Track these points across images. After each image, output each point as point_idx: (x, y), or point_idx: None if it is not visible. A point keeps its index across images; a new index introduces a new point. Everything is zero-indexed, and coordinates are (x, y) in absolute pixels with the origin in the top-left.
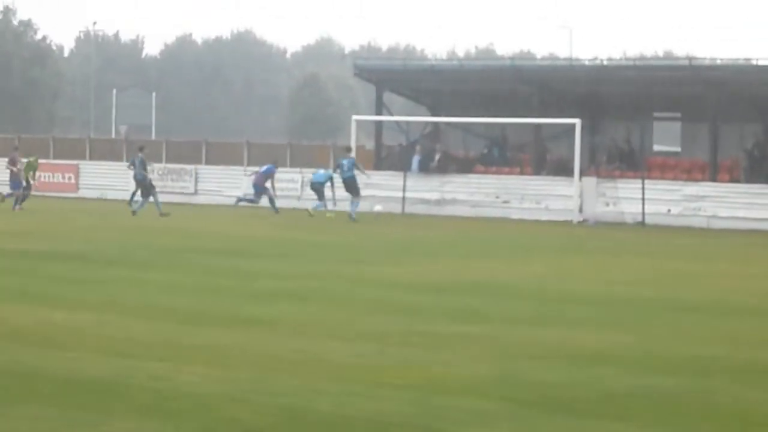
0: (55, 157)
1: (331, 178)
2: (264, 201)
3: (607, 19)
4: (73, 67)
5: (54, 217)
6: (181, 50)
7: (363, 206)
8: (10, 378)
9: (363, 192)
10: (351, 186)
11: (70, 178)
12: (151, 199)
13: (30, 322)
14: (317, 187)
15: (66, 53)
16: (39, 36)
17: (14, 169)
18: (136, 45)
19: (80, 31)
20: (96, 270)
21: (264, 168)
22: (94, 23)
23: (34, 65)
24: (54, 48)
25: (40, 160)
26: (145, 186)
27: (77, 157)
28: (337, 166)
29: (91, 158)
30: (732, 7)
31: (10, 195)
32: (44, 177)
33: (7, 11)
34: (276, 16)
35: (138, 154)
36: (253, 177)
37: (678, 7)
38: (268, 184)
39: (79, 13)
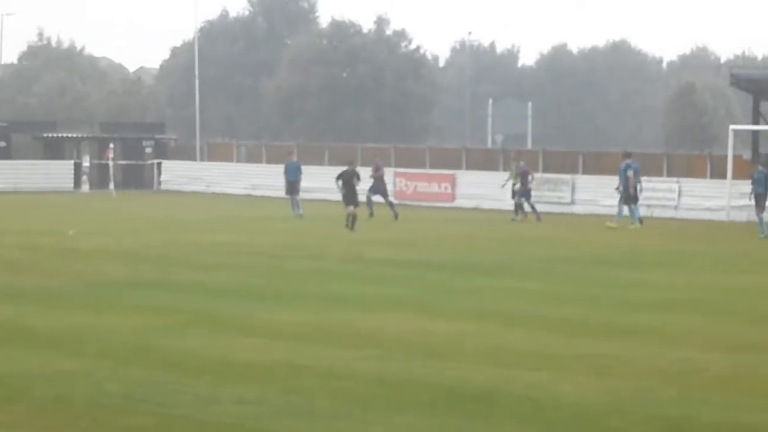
0: (431, 167)
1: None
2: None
3: None
4: (448, 77)
5: (431, 226)
6: (556, 60)
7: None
8: (388, 386)
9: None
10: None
11: (446, 187)
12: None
13: (410, 331)
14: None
15: (441, 63)
16: (413, 46)
17: (376, 175)
18: (511, 54)
19: (455, 41)
20: (473, 279)
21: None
22: (469, 33)
23: (408, 75)
24: (429, 58)
25: (416, 170)
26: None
27: (453, 167)
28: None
29: (467, 168)
30: None
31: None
32: (420, 187)
33: (381, 21)
34: (652, 26)
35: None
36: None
37: None
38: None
39: (454, 23)
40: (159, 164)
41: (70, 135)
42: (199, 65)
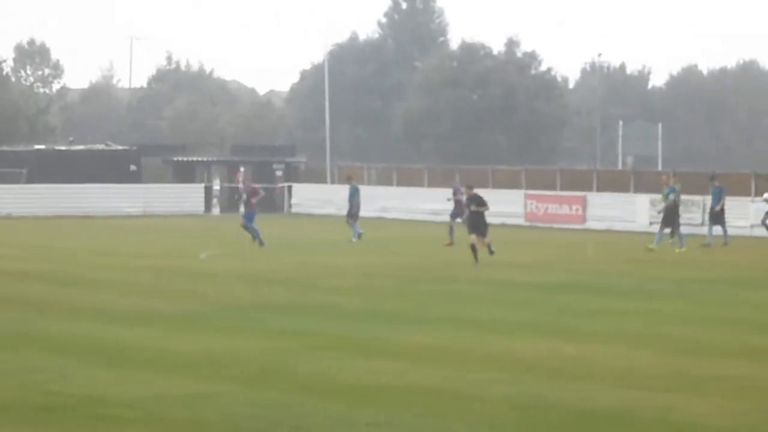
0: (561, 189)
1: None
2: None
3: None
4: (577, 98)
5: (563, 248)
6: (686, 81)
7: None
8: (519, 409)
9: None
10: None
11: (577, 209)
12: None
13: (541, 353)
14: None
15: (571, 84)
16: (543, 67)
17: (454, 198)
18: (642, 76)
19: (585, 63)
20: (605, 301)
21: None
22: (599, 55)
23: (539, 97)
24: (559, 79)
25: (547, 192)
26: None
27: (584, 188)
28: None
29: (598, 189)
30: None
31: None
32: (551, 209)
33: (511, 43)
34: None
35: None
36: None
37: None
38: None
39: (583, 44)
40: (289, 187)
41: (200, 158)
42: (328, 88)
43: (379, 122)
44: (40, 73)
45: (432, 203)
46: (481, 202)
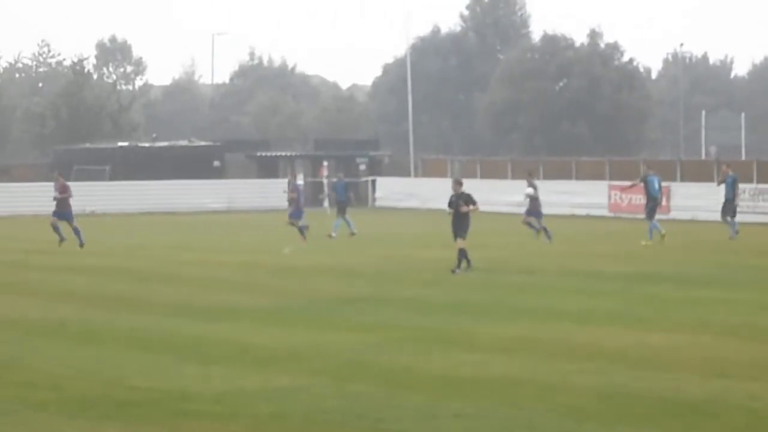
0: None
1: None
2: None
3: None
4: (660, 88)
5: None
6: None
7: None
8: (610, 400)
9: None
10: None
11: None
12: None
13: (626, 343)
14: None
15: (654, 75)
16: (626, 58)
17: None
18: (724, 66)
19: (667, 53)
20: (689, 290)
21: None
22: (681, 45)
23: (622, 88)
24: (641, 70)
25: (631, 183)
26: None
27: (667, 178)
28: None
29: (682, 180)
30: None
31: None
32: (635, 199)
33: (594, 34)
34: None
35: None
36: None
37: None
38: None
39: (665, 35)
40: (373, 181)
41: (283, 153)
42: (411, 81)
43: (462, 115)
44: (122, 70)
45: (516, 195)
46: (470, 201)
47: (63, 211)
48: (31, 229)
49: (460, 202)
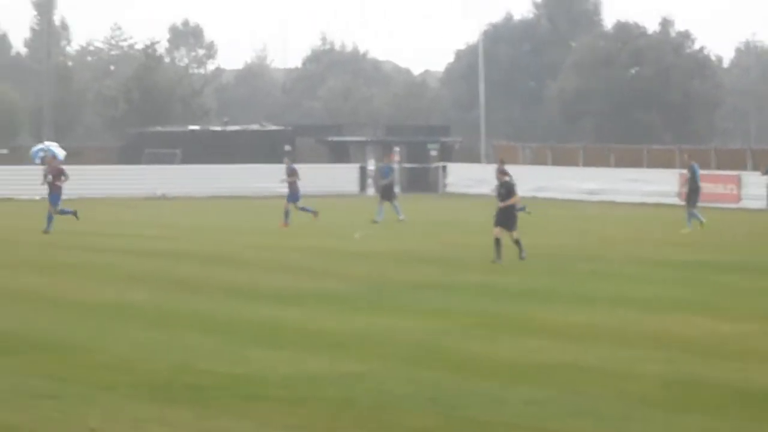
0: (716, 168)
1: None
2: None
3: None
4: (732, 77)
5: (715, 227)
6: None
7: None
8: (677, 387)
9: None
10: None
11: (731, 189)
12: None
13: (696, 332)
14: None
15: (726, 64)
16: (697, 47)
17: None
18: None
19: (739, 42)
20: (759, 280)
21: None
22: (753, 34)
23: (693, 76)
24: (713, 59)
25: (702, 171)
26: None
27: (738, 167)
28: None
29: (753, 169)
30: None
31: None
32: (705, 188)
33: (665, 23)
34: None
35: None
36: None
37: None
38: None
39: (737, 24)
40: (444, 167)
41: (355, 139)
42: (483, 68)
43: (533, 102)
44: (194, 54)
45: (588, 182)
46: (511, 192)
47: (53, 193)
48: (100, 212)
49: (502, 191)
